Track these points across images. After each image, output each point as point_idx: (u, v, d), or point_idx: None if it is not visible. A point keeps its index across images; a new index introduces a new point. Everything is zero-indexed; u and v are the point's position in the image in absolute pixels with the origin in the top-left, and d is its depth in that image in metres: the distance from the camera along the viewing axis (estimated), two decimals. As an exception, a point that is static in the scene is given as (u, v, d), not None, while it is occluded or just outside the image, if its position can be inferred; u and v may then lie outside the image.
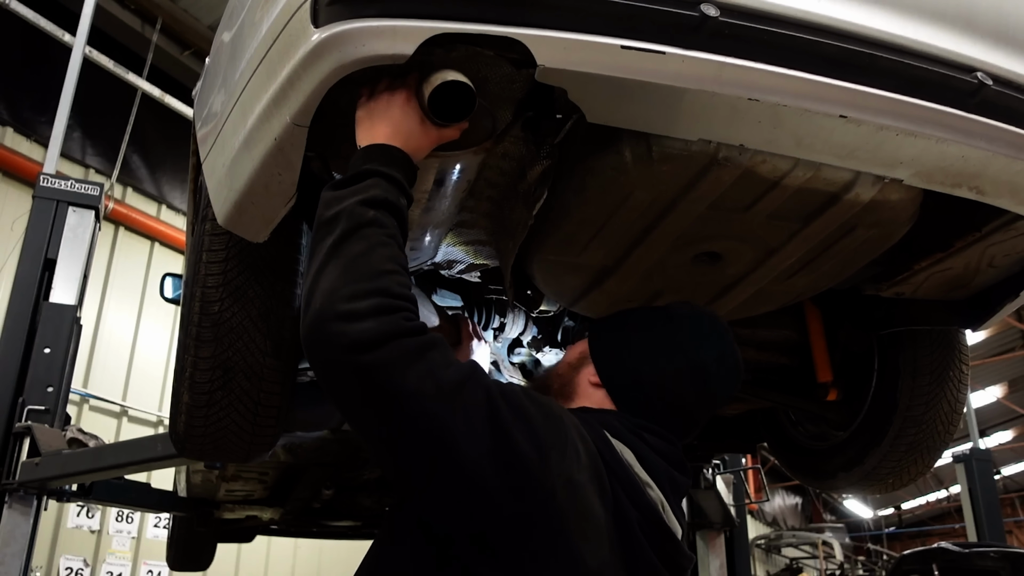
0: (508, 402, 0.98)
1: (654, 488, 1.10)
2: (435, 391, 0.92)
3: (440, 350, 0.96)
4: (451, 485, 0.95)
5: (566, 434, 1.02)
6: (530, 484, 0.95)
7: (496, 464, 0.93)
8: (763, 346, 2.26)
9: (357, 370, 0.91)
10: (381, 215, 1.02)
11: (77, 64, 4.90)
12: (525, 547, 0.96)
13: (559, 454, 0.98)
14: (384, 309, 0.92)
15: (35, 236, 3.66)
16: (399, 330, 0.92)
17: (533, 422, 0.98)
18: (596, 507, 1.00)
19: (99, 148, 7.84)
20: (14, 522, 3.21)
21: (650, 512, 1.07)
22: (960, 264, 1.67)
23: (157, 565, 7.50)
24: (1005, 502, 17.82)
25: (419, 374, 0.91)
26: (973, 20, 1.26)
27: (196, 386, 1.71)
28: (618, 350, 1.32)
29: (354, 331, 0.90)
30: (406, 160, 1.10)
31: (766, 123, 1.20)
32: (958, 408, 2.07)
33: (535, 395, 1.07)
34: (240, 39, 1.33)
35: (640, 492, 1.07)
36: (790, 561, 17.76)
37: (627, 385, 1.27)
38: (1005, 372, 15.63)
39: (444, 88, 1.10)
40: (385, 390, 0.91)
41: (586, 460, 1.02)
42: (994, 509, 9.26)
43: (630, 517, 1.04)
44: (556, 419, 1.03)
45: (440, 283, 1.95)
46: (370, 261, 0.97)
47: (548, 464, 0.96)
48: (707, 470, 4.43)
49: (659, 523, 1.08)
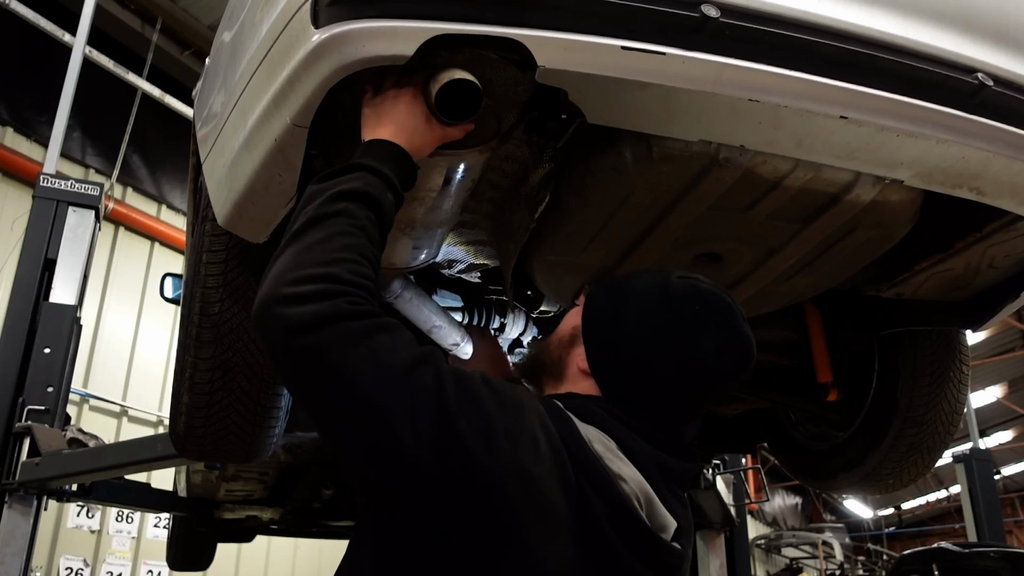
0: (460, 388, 0.93)
1: (628, 482, 1.00)
2: (376, 375, 0.89)
3: (390, 334, 0.92)
4: (395, 475, 0.91)
5: (522, 422, 0.95)
6: (473, 474, 0.89)
7: (436, 452, 0.89)
8: (763, 346, 2.25)
9: (297, 353, 0.90)
10: (353, 206, 1.01)
11: (77, 64, 4.90)
12: (478, 542, 0.91)
13: (510, 443, 0.92)
14: (327, 294, 0.91)
15: (35, 236, 3.66)
16: (340, 313, 0.90)
17: (483, 408, 0.93)
18: (556, 501, 0.93)
19: (99, 148, 7.84)
20: (14, 522, 3.21)
21: (621, 507, 0.98)
22: (960, 265, 1.67)
23: (157, 565, 7.50)
24: (1005, 502, 17.82)
25: (359, 357, 0.89)
26: (973, 21, 1.26)
27: (196, 386, 1.71)
28: (608, 334, 1.19)
29: (293, 314, 0.90)
30: (403, 157, 1.10)
31: (767, 124, 1.20)
32: (958, 408, 2.07)
33: (496, 382, 1.00)
34: (240, 39, 1.33)
35: (609, 486, 0.98)
36: (790, 561, 17.75)
37: (615, 374, 1.16)
38: (1005, 372, 15.63)
39: (451, 86, 1.10)
40: (324, 373, 0.90)
41: (546, 451, 0.95)
42: (994, 509, 9.27)
43: (596, 512, 0.96)
44: (513, 407, 0.96)
45: (440, 283, 1.95)
46: (324, 248, 0.96)
47: (495, 454, 0.90)
48: (707, 470, 4.43)
49: (633, 518, 0.99)
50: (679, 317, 1.14)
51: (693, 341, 1.13)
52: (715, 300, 1.17)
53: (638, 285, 1.20)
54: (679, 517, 1.09)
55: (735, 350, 1.15)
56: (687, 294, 1.16)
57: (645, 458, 1.07)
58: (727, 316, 1.16)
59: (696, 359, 1.13)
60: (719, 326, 1.15)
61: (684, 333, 1.14)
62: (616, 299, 1.20)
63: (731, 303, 1.17)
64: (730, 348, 1.14)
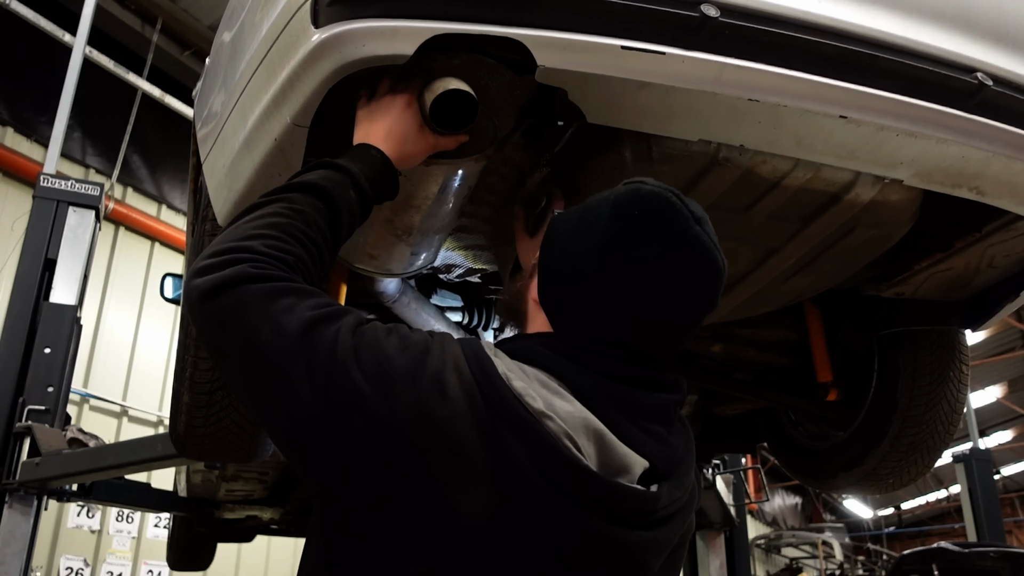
0: (361, 338, 0.89)
1: (557, 419, 0.88)
2: (273, 335, 0.87)
3: (297, 296, 0.90)
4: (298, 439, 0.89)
5: (424, 364, 0.88)
6: (369, 422, 0.84)
7: (333, 404, 0.85)
8: (763, 346, 2.26)
9: (204, 318, 0.91)
10: (298, 195, 1.00)
11: (77, 64, 4.90)
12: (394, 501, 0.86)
13: (408, 388, 0.86)
14: (234, 262, 0.91)
15: (35, 236, 3.66)
16: (242, 276, 0.89)
17: (381, 355, 0.88)
18: (470, 446, 0.86)
19: (99, 148, 7.84)
20: (14, 522, 3.21)
21: (546, 448, 0.86)
22: (960, 264, 1.67)
23: (157, 565, 7.50)
24: (1005, 502, 17.82)
25: (258, 318, 0.87)
26: (973, 21, 1.26)
27: (196, 386, 1.71)
28: (555, 258, 1.05)
29: (202, 281, 0.90)
30: (382, 162, 1.09)
31: (766, 123, 1.20)
32: (958, 408, 2.07)
33: (404, 329, 0.95)
34: (240, 39, 1.33)
35: (529, 425, 0.87)
36: (790, 561, 17.76)
37: (561, 301, 1.03)
38: (1005, 372, 15.63)
39: (446, 96, 1.10)
40: (227, 337, 0.90)
41: (456, 392, 0.87)
42: (994, 509, 9.27)
43: (517, 456, 0.86)
44: (416, 351, 0.90)
45: (440, 284, 1.95)
46: (249, 226, 0.96)
47: (391, 399, 0.85)
48: (707, 470, 4.43)
49: (563, 459, 0.87)
50: (618, 228, 0.98)
51: (632, 252, 0.96)
52: (657, 201, 0.98)
53: (591, 201, 1.05)
54: (652, 455, 0.95)
55: (684, 258, 0.96)
56: (627, 199, 1.00)
57: (595, 393, 0.94)
58: (672, 218, 0.97)
59: (636, 273, 0.96)
60: (661, 231, 0.96)
61: (622, 245, 0.97)
62: (568, 221, 1.06)
63: (677, 203, 0.98)
64: (676, 256, 0.96)
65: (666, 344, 1.01)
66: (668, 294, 0.97)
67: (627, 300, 0.97)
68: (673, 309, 0.99)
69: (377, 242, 1.38)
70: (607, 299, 0.98)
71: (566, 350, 0.98)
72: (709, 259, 0.97)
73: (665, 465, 0.97)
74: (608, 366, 0.97)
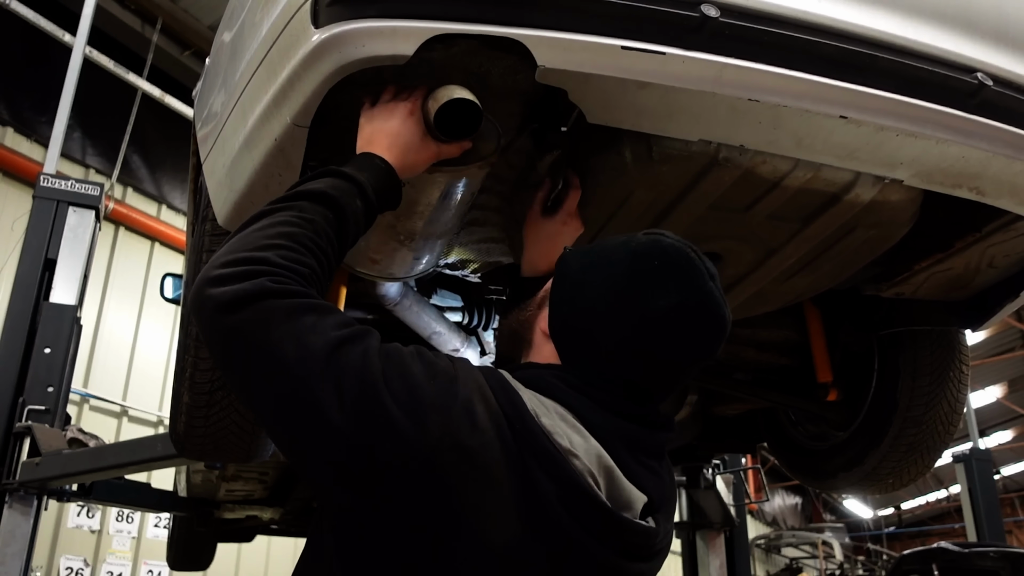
0: (388, 362, 0.90)
1: (581, 457, 0.93)
2: (299, 354, 0.86)
3: (317, 313, 0.90)
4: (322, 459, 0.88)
5: (455, 395, 0.90)
6: (404, 451, 0.85)
7: (364, 430, 0.85)
8: (763, 346, 2.26)
9: (221, 332, 0.89)
10: (307, 203, 1.00)
11: (77, 64, 4.90)
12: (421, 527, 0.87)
13: (441, 416, 0.87)
14: (253, 274, 0.90)
15: (35, 236, 3.66)
16: (263, 291, 0.88)
17: (411, 381, 0.89)
18: (499, 477, 0.88)
19: (99, 148, 7.84)
20: (14, 522, 3.21)
21: (573, 486, 0.91)
22: (960, 264, 1.67)
23: (157, 565, 7.50)
24: (1005, 502, 17.83)
25: (282, 335, 0.87)
26: (973, 21, 1.26)
27: (196, 386, 1.71)
28: (568, 293, 1.10)
29: (218, 293, 0.89)
30: (386, 171, 1.09)
31: (766, 124, 1.20)
32: (958, 408, 2.07)
33: (429, 355, 0.95)
34: (240, 39, 1.33)
35: (558, 463, 0.91)
36: (790, 561, 17.76)
37: (572, 336, 1.07)
38: (1005, 372, 15.63)
39: (450, 105, 1.09)
40: (247, 353, 0.88)
41: (485, 424, 0.89)
42: (994, 509, 9.27)
43: (545, 491, 0.89)
44: (445, 379, 0.91)
45: (440, 283, 1.95)
46: (262, 235, 0.96)
47: (424, 427, 0.86)
48: (707, 470, 4.43)
49: (587, 497, 0.91)
50: (637, 274, 1.03)
51: (649, 299, 1.01)
52: (677, 255, 1.04)
53: (608, 244, 1.10)
54: (650, 489, 1.01)
55: (696, 310, 1.02)
56: (647, 249, 1.05)
57: (606, 429, 0.99)
58: (689, 273, 1.03)
59: (652, 319, 1.01)
60: (679, 283, 1.02)
61: (640, 291, 1.02)
62: (583, 259, 1.11)
63: (695, 259, 1.04)
64: (689, 307, 1.01)
65: (668, 384, 1.08)
66: (678, 339, 1.03)
67: (639, 341, 1.02)
68: (680, 353, 1.05)
69: (379, 247, 1.38)
70: (621, 337, 1.02)
71: (578, 385, 1.02)
72: (718, 313, 1.04)
73: (660, 499, 1.03)
74: (615, 402, 1.02)
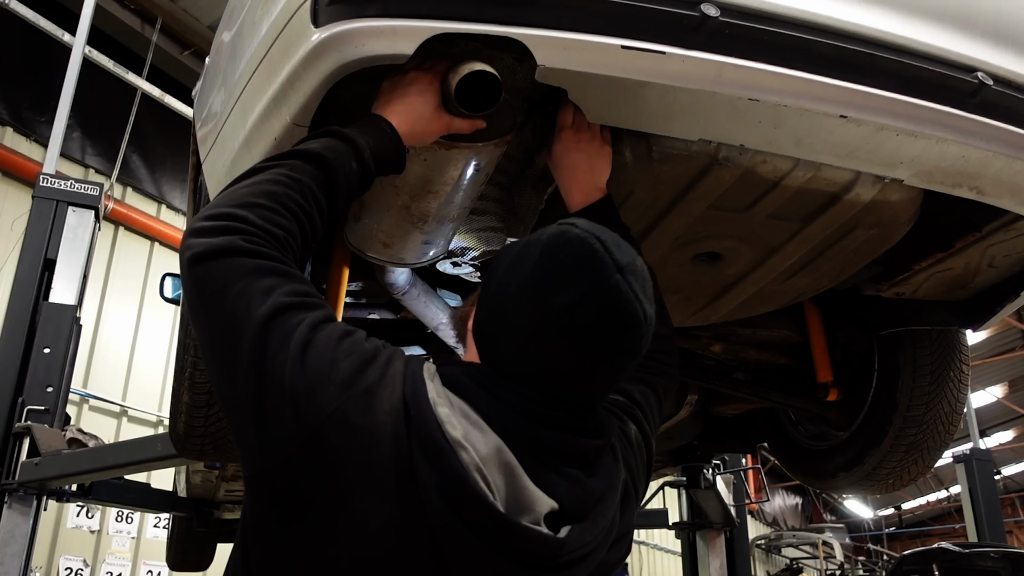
0: (316, 333, 0.91)
1: (471, 451, 0.88)
2: (246, 313, 0.89)
3: (280, 277, 0.92)
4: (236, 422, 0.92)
5: (363, 376, 0.90)
6: (290, 414, 0.87)
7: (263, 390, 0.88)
8: (763, 346, 2.26)
9: (189, 281, 0.94)
10: (298, 162, 1.02)
11: (77, 64, 4.90)
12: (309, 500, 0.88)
13: (340, 392, 0.88)
14: (227, 230, 0.93)
15: (35, 236, 3.66)
16: (232, 248, 0.91)
17: (327, 355, 0.90)
18: (384, 462, 0.87)
19: (99, 148, 7.84)
20: (14, 522, 3.22)
21: (455, 478, 0.87)
22: (960, 264, 1.67)
23: (157, 565, 7.49)
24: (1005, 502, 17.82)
25: (238, 293, 0.90)
26: (973, 20, 1.26)
27: (196, 386, 1.71)
28: (487, 289, 1.05)
29: (196, 244, 0.93)
30: (390, 136, 1.10)
31: (766, 123, 1.20)
32: (958, 408, 2.07)
33: (360, 336, 0.96)
34: (240, 39, 1.33)
35: (443, 453, 0.87)
36: (790, 561, 17.76)
37: (485, 334, 1.02)
38: (1005, 372, 15.64)
39: (471, 78, 1.10)
40: (205, 304, 0.93)
41: (383, 407, 0.89)
42: (994, 509, 9.27)
43: (426, 481, 0.87)
44: (359, 360, 0.92)
45: (440, 283, 1.95)
46: (246, 192, 0.98)
47: (318, 401, 0.87)
48: (707, 470, 4.43)
49: (469, 492, 0.87)
50: (543, 270, 0.96)
51: (547, 297, 0.94)
52: (580, 248, 0.95)
53: (532, 237, 1.02)
54: (562, 497, 0.93)
55: (597, 307, 0.93)
56: (554, 242, 0.97)
57: (509, 431, 0.93)
58: (590, 267, 0.94)
59: (549, 317, 0.93)
60: (579, 279, 0.93)
61: (542, 288, 0.95)
62: (510, 253, 1.04)
63: (600, 251, 0.95)
64: (589, 304, 0.92)
65: (580, 390, 0.98)
66: (579, 339, 0.94)
67: (536, 344, 0.95)
68: (581, 357, 0.95)
69: (392, 230, 1.38)
70: (520, 340, 0.96)
71: (487, 384, 0.97)
72: (625, 310, 0.94)
73: (578, 508, 0.96)
74: (522, 405, 0.95)
